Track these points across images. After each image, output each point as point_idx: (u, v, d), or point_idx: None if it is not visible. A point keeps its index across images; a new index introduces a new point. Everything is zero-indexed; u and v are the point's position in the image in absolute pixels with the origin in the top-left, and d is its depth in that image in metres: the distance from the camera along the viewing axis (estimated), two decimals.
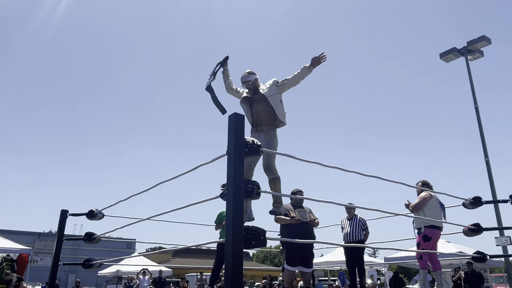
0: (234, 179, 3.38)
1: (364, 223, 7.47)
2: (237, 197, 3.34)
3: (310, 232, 6.44)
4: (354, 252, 7.52)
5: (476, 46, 17.58)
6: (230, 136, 3.54)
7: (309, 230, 6.42)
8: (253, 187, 4.32)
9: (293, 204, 6.53)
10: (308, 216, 6.48)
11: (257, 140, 4.14)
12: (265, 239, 3.63)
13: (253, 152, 3.93)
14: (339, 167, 4.95)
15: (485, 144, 15.81)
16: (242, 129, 3.53)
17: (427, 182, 6.72)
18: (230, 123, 3.55)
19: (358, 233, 7.31)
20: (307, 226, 6.38)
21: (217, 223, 7.60)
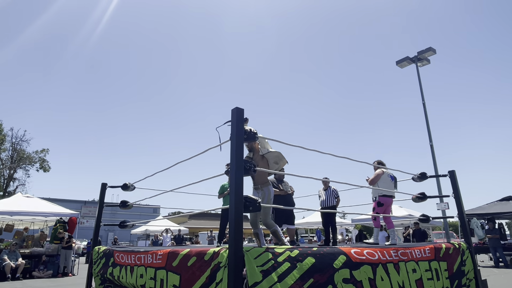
0: (236, 159, 3.39)
1: (336, 193, 7.50)
2: (238, 173, 3.35)
3: (292, 200, 6.60)
4: (328, 215, 7.59)
5: (424, 55, 17.54)
6: (232, 125, 3.53)
7: (291, 198, 6.59)
8: (251, 165, 4.31)
9: (277, 178, 6.60)
10: (289, 188, 6.61)
11: (253, 128, 4.13)
12: (260, 205, 3.66)
13: (250, 138, 3.93)
14: (317, 150, 4.96)
15: (430, 132, 15.86)
16: (242, 120, 3.52)
17: (381, 161, 6.77)
18: (233, 115, 3.54)
19: (331, 200, 7.36)
20: (289, 196, 6.53)
21: (219, 193, 7.59)
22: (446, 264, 5.25)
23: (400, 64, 18.23)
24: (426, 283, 4.58)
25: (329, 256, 3.66)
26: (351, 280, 3.66)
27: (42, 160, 29.69)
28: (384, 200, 6.49)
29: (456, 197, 6.54)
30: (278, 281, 3.05)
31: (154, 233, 22.67)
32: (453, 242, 5.89)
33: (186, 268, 3.70)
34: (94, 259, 6.63)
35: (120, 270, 5.41)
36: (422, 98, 16.89)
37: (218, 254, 3.27)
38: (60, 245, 10.48)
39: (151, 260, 4.48)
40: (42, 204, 11.89)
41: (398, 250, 4.58)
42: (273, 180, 6.52)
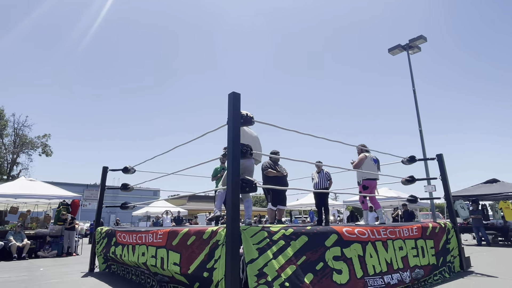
0: (232, 142, 3.38)
1: (329, 175, 7.55)
2: (235, 156, 3.36)
3: (287, 182, 6.65)
4: (321, 197, 7.66)
5: (416, 43, 17.44)
6: (229, 110, 3.52)
7: (286, 180, 6.64)
8: (247, 149, 4.32)
9: (273, 161, 6.63)
10: (284, 171, 6.65)
11: (250, 113, 4.11)
12: (256, 186, 3.68)
13: (247, 122, 3.92)
14: (311, 134, 4.98)
15: (419, 117, 15.91)
16: (238, 105, 3.51)
17: (364, 145, 6.78)
18: (229, 100, 3.52)
19: (324, 183, 7.41)
20: (285, 178, 6.57)
21: (213, 176, 7.54)
22: (433, 242, 5.37)
23: (392, 52, 18.13)
24: (412, 260, 4.69)
25: (322, 235, 3.73)
26: (341, 257, 3.74)
27: (44, 145, 29.47)
28: (369, 183, 6.58)
29: (443, 179, 6.63)
30: (273, 258, 3.11)
31: (155, 215, 22.82)
32: (439, 221, 6.01)
33: (186, 247, 3.75)
34: (97, 239, 6.69)
35: (122, 249, 5.47)
36: (412, 84, 16.87)
37: (216, 233, 3.32)
38: (63, 226, 10.54)
39: (152, 239, 4.53)
40: (45, 187, 11.88)
41: (387, 229, 4.67)
42: (270, 163, 6.55)
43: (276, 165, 6.56)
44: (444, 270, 5.38)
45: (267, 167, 6.46)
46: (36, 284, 5.33)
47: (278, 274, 3.03)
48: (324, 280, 3.39)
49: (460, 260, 5.98)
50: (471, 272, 5.77)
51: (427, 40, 17.23)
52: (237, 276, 2.92)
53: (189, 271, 3.56)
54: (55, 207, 13.33)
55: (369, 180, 6.55)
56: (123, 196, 47.71)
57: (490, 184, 13.74)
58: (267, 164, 6.53)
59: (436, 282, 4.90)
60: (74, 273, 6.43)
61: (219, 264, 3.10)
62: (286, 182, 6.61)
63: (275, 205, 6.44)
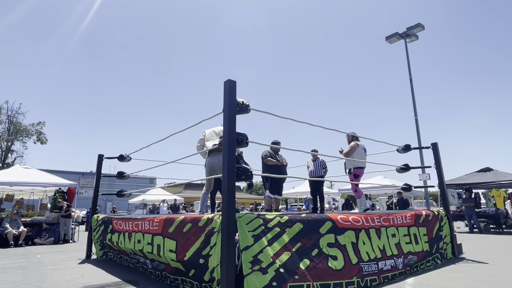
0: (228, 131, 3.37)
1: (324, 163, 7.58)
2: (231, 144, 3.35)
3: (286, 171, 6.69)
4: (316, 185, 7.71)
5: (413, 31, 17.31)
6: (225, 98, 3.49)
7: (285, 170, 6.68)
8: (243, 138, 4.31)
9: (274, 150, 6.65)
10: (284, 160, 6.68)
11: (246, 101, 4.09)
12: (252, 174, 3.70)
13: (242, 110, 3.89)
14: (307, 122, 4.97)
15: (415, 106, 15.93)
16: (234, 93, 3.48)
17: (355, 133, 6.75)
18: (225, 88, 3.49)
19: (319, 171, 7.45)
20: (284, 167, 6.61)
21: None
22: (426, 229, 5.45)
23: (390, 40, 17.99)
24: (404, 247, 4.77)
25: (317, 222, 3.77)
26: (335, 244, 3.79)
27: (39, 132, 29.26)
28: (359, 171, 6.62)
29: (437, 168, 6.69)
30: (268, 245, 3.14)
31: (151, 203, 22.90)
32: (433, 209, 6.09)
33: (182, 234, 3.78)
34: (94, 226, 6.72)
35: (118, 236, 5.50)
36: (409, 73, 16.83)
37: (212, 220, 3.34)
38: (59, 214, 10.55)
39: (148, 226, 4.55)
40: (41, 175, 11.84)
41: (381, 216, 4.72)
42: (271, 152, 6.58)
43: (276, 154, 6.60)
44: (437, 257, 5.47)
45: (266, 156, 6.51)
46: (33, 270, 5.36)
47: (273, 261, 3.07)
48: (320, 265, 3.44)
49: (452, 247, 6.08)
50: (462, 258, 5.88)
51: (424, 28, 17.10)
52: (233, 262, 2.95)
53: (185, 258, 3.59)
54: (51, 195, 13.31)
55: (360, 168, 6.60)
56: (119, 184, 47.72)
57: (483, 172, 13.90)
58: (267, 153, 6.57)
59: (428, 268, 4.99)
60: (71, 260, 6.47)
61: (214, 251, 3.13)
62: (285, 172, 6.67)
63: (273, 193, 6.51)
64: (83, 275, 4.92)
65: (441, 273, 4.62)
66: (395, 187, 13.20)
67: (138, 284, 4.23)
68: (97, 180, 7.26)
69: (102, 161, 7.31)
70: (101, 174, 7.36)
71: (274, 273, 3.01)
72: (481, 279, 4.19)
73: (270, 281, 2.96)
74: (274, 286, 2.96)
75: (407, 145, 6.89)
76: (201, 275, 3.39)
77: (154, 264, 4.44)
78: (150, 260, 4.54)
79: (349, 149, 6.55)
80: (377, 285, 3.98)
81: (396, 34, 17.57)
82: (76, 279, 4.63)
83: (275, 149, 6.64)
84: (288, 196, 22.92)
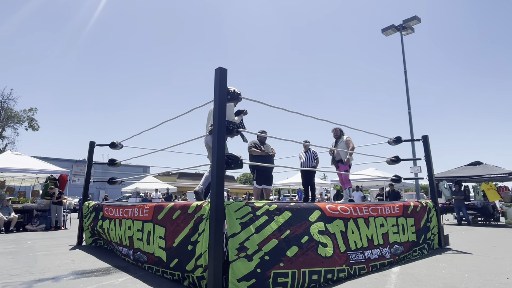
0: (218, 119, 3.37)
1: (316, 155, 7.63)
2: (220, 132, 3.35)
3: (272, 161, 6.69)
4: (308, 175, 7.77)
5: (409, 24, 17.30)
6: (215, 86, 3.48)
7: (272, 160, 6.67)
8: (234, 126, 4.31)
9: (259, 140, 6.65)
10: (270, 150, 6.68)
11: (237, 89, 4.08)
12: (242, 163, 3.71)
13: (234, 99, 3.89)
14: (299, 112, 4.98)
15: (409, 99, 16.04)
16: (224, 81, 3.47)
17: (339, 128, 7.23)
18: (216, 76, 3.48)
19: (311, 162, 7.50)
20: (270, 157, 6.61)
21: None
22: (414, 220, 5.55)
23: (386, 32, 17.96)
24: (392, 236, 4.86)
25: (305, 211, 3.81)
26: (325, 232, 3.85)
27: (30, 119, 28.95)
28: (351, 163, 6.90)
29: (427, 160, 6.77)
30: (255, 232, 3.18)
31: (144, 191, 22.91)
32: (421, 201, 6.18)
33: (171, 221, 3.80)
34: (85, 213, 6.72)
35: (109, 223, 5.51)
36: (404, 66, 16.87)
37: (201, 207, 3.36)
38: (51, 201, 10.52)
39: (138, 213, 4.57)
40: (32, 161, 11.74)
41: (370, 206, 4.79)
42: (256, 142, 6.56)
43: (262, 144, 6.59)
44: (424, 247, 5.58)
45: (251, 146, 6.49)
46: (23, 255, 5.37)
47: (258, 248, 3.11)
48: (309, 252, 3.49)
49: (439, 238, 6.21)
50: (448, 249, 6.01)
51: (421, 21, 17.08)
52: (220, 248, 2.99)
53: (174, 245, 3.62)
54: (42, 182, 13.25)
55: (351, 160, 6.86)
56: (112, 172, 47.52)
57: (473, 166, 14.09)
58: (252, 143, 6.55)
59: (414, 258, 5.10)
60: (62, 246, 6.48)
61: (202, 238, 3.16)
62: (272, 162, 6.66)
63: (260, 184, 6.53)
64: (73, 260, 4.95)
65: (427, 263, 4.73)
66: (386, 179, 13.34)
67: (128, 270, 4.27)
68: (89, 167, 7.24)
69: (93, 148, 7.28)
70: (92, 161, 7.33)
71: (259, 260, 3.06)
72: (464, 268, 4.30)
73: (255, 268, 3.01)
74: (258, 272, 3.01)
75: (398, 137, 6.95)
76: (183, 264, 3.41)
77: (136, 256, 4.44)
78: (133, 250, 4.54)
79: (352, 145, 6.92)
80: (366, 273, 4.06)
81: (392, 26, 17.54)
82: (66, 264, 4.66)
83: (261, 139, 6.64)
84: (281, 186, 23.04)
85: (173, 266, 3.60)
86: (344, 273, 3.78)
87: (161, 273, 3.86)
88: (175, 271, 3.57)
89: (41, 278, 3.83)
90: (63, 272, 4.14)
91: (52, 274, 4.03)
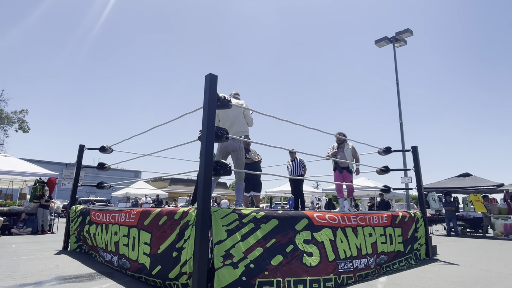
0: (207, 125, 3.37)
1: (303, 163, 7.69)
2: (209, 138, 3.35)
3: (259, 168, 6.68)
4: (295, 184, 7.78)
5: (402, 36, 17.55)
6: (205, 93, 3.49)
7: (258, 166, 6.67)
8: (223, 132, 4.30)
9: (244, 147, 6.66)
10: (256, 157, 6.68)
11: (227, 96, 4.09)
12: (230, 169, 3.70)
13: (224, 105, 3.89)
14: (289, 121, 5.01)
15: (400, 110, 16.20)
16: (214, 87, 3.48)
17: (343, 133, 7.08)
18: (206, 82, 3.48)
19: (298, 170, 7.55)
20: (256, 164, 6.60)
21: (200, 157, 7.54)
22: (401, 230, 5.56)
23: (379, 44, 18.21)
24: (380, 246, 4.86)
25: (292, 219, 3.80)
26: (312, 241, 3.84)
27: (21, 120, 28.54)
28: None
29: (416, 171, 6.82)
30: (241, 240, 3.16)
31: (135, 196, 22.68)
32: (409, 211, 6.21)
33: (158, 227, 3.76)
34: (72, 217, 6.62)
35: (96, 228, 5.44)
36: (396, 77, 17.08)
37: (187, 214, 3.34)
38: (38, 204, 10.36)
39: (124, 218, 4.52)
40: (21, 164, 11.57)
41: (358, 216, 4.80)
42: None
43: (247, 151, 6.58)
44: (411, 257, 5.60)
45: None
46: (6, 259, 5.26)
47: (244, 256, 3.09)
48: (294, 262, 3.47)
49: (426, 248, 6.23)
50: (436, 259, 6.03)
51: (413, 33, 17.36)
52: (206, 255, 2.96)
53: (158, 251, 3.58)
54: (31, 185, 13.04)
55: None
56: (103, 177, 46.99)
57: (463, 177, 14.24)
58: None
59: (402, 268, 5.11)
60: (47, 251, 6.36)
61: (188, 244, 3.13)
62: (258, 168, 6.65)
63: (248, 191, 6.52)
64: (57, 265, 4.85)
65: (413, 273, 4.73)
66: (376, 189, 13.40)
67: (112, 276, 4.20)
68: (77, 171, 7.16)
69: (83, 152, 7.20)
70: (81, 164, 7.25)
71: (244, 268, 3.04)
72: (451, 279, 4.31)
73: (240, 276, 2.99)
74: (243, 280, 2.99)
75: (387, 148, 7.01)
76: (166, 272, 3.36)
77: (120, 262, 4.37)
78: (118, 256, 4.47)
79: (358, 154, 7.06)
80: (353, 283, 4.05)
81: (385, 38, 17.79)
82: (50, 269, 4.57)
83: (245, 147, 6.66)
84: (273, 194, 23.01)
85: (155, 274, 3.55)
86: (331, 283, 3.76)
87: (144, 280, 3.81)
88: (157, 278, 3.51)
89: (23, 283, 3.75)
90: (46, 278, 4.06)
91: (34, 279, 3.95)
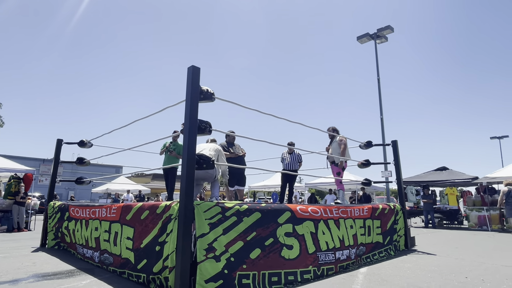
0: (190, 118, 3.34)
1: (300, 158, 7.64)
2: (192, 132, 3.32)
3: (243, 162, 6.67)
4: (289, 178, 7.73)
5: (383, 33, 17.82)
6: (188, 85, 3.45)
7: (243, 160, 6.66)
8: (206, 125, 4.27)
9: (227, 142, 6.63)
10: (240, 151, 6.67)
11: (211, 89, 4.05)
12: (213, 163, 3.69)
13: (207, 98, 3.85)
14: (272, 114, 5.02)
15: (381, 106, 16.50)
16: (197, 80, 3.44)
17: (336, 127, 6.94)
18: (188, 75, 3.44)
19: (294, 164, 7.51)
20: (241, 158, 6.60)
21: (161, 150, 7.53)
22: (380, 222, 5.70)
23: (360, 40, 18.44)
24: (360, 238, 4.97)
25: (275, 212, 3.82)
26: (293, 233, 3.87)
27: None
28: (346, 164, 6.85)
29: (396, 164, 6.99)
30: (223, 234, 3.17)
31: (115, 192, 22.28)
32: (389, 204, 6.37)
33: (140, 221, 3.72)
34: (50, 214, 6.44)
35: (75, 224, 5.31)
36: (377, 73, 17.37)
37: (169, 207, 3.31)
38: (13, 201, 10.01)
39: (105, 214, 4.43)
40: None
41: (340, 208, 4.88)
42: (223, 144, 6.54)
43: (231, 146, 6.56)
44: (390, 248, 5.75)
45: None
46: None
47: (225, 249, 3.11)
48: (271, 255, 3.51)
49: (405, 239, 6.41)
50: (414, 250, 6.22)
51: (393, 30, 17.66)
52: (189, 249, 2.95)
53: (141, 246, 3.54)
54: (5, 181, 12.59)
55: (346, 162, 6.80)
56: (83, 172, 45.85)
57: (440, 171, 14.69)
58: (220, 145, 6.54)
59: (381, 259, 5.24)
60: (24, 248, 6.18)
61: (170, 238, 3.11)
62: (242, 162, 6.64)
63: (232, 185, 6.51)
64: (35, 263, 4.72)
65: (393, 263, 4.87)
66: (357, 183, 13.64)
67: (93, 272, 4.12)
68: (55, 166, 6.95)
69: (61, 146, 7.00)
70: (59, 160, 7.05)
71: (225, 261, 3.06)
72: (428, 268, 4.46)
73: (222, 269, 3.00)
74: (226, 273, 3.00)
75: (368, 142, 7.14)
76: (151, 266, 3.33)
77: (102, 258, 4.30)
78: (99, 252, 4.39)
79: (345, 147, 6.70)
80: (333, 274, 4.13)
81: (367, 34, 18.02)
82: (26, 267, 4.44)
83: (229, 140, 6.64)
84: (257, 189, 23.05)
85: (140, 268, 3.51)
86: (309, 274, 3.82)
87: (126, 276, 3.75)
88: (142, 273, 3.47)
89: None
90: (23, 275, 3.94)
91: (10, 277, 3.83)
